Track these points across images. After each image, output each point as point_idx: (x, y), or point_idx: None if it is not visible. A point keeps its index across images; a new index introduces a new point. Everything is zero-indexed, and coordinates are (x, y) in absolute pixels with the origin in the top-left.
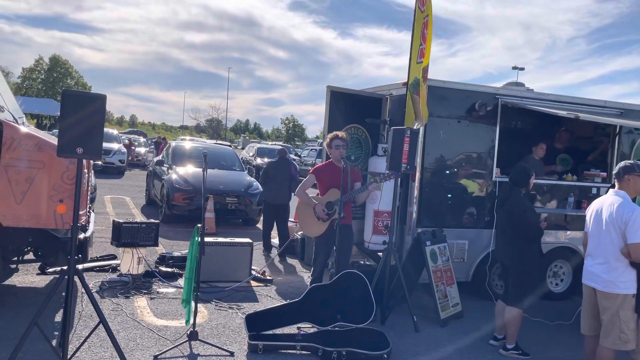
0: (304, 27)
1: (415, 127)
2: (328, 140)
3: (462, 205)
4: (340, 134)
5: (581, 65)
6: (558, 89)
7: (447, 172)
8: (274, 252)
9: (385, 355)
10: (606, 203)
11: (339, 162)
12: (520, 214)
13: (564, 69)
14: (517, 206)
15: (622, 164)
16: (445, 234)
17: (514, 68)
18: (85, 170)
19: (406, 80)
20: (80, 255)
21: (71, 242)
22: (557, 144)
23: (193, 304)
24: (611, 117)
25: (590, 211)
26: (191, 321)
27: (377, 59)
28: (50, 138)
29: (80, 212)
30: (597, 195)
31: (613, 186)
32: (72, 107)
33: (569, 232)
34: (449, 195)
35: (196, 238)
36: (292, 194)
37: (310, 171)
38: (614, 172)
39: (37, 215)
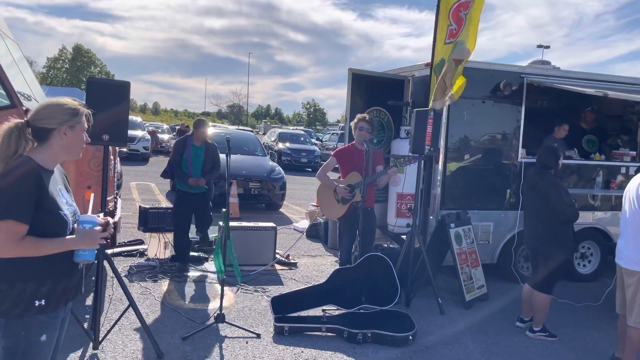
0: (323, 10)
1: (437, 107)
2: (355, 120)
3: (486, 187)
4: (367, 116)
5: (609, 41)
6: (585, 67)
7: (471, 153)
8: (298, 236)
9: (411, 337)
10: (637, 180)
11: (361, 145)
12: (556, 196)
13: (591, 46)
14: (552, 188)
15: None
16: (470, 216)
17: (539, 46)
18: (112, 157)
19: (429, 61)
20: (109, 241)
21: None
22: (583, 124)
23: (219, 287)
24: None
25: (625, 190)
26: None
27: (398, 40)
28: None
29: (108, 198)
30: (627, 174)
31: None
32: (97, 95)
33: (597, 213)
34: (473, 177)
35: (221, 223)
36: None
37: (332, 154)
38: None
39: None
